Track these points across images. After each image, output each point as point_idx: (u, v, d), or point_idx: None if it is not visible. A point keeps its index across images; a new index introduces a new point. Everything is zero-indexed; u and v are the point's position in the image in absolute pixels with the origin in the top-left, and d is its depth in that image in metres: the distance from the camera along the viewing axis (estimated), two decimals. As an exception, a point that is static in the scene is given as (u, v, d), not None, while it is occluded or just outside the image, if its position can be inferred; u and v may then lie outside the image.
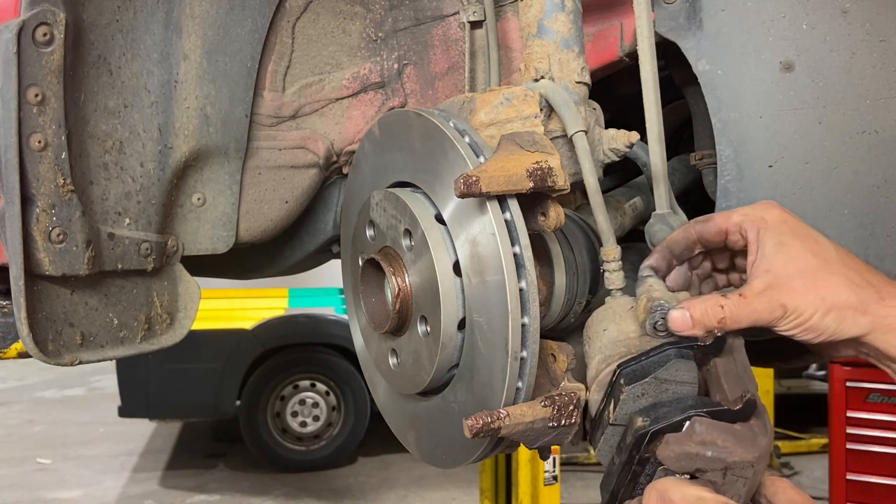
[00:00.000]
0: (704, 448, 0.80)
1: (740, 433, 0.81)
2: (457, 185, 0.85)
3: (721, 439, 0.81)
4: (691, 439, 0.81)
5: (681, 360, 0.86)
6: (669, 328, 0.87)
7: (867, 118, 1.10)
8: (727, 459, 0.80)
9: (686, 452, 0.81)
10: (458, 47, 1.43)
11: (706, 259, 1.04)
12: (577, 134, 0.99)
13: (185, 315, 1.40)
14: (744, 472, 0.81)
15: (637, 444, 0.83)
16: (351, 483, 6.45)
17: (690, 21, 1.14)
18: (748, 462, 0.80)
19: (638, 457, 0.83)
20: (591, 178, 0.99)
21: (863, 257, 1.12)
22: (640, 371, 0.86)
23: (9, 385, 9.62)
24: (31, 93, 1.10)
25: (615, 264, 0.99)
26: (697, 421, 0.81)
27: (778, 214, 0.94)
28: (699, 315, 0.86)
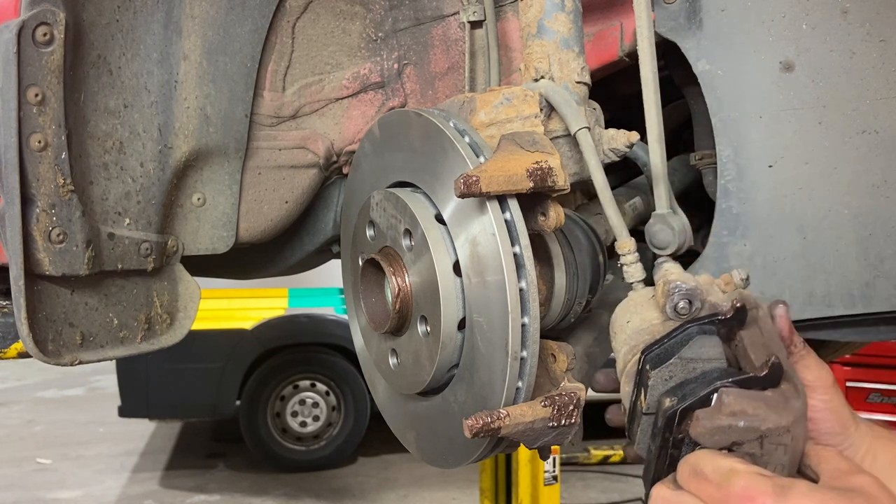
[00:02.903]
0: (736, 419, 0.78)
1: (771, 399, 0.79)
2: (457, 185, 0.85)
3: (752, 407, 0.78)
4: (721, 412, 0.79)
5: (703, 336, 0.84)
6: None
7: (867, 118, 1.10)
8: (761, 427, 0.78)
9: (718, 426, 0.79)
10: (458, 47, 1.43)
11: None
12: (581, 131, 0.99)
13: (185, 315, 1.40)
14: (781, 438, 0.78)
15: (668, 425, 0.81)
16: (351, 483, 6.45)
17: (690, 21, 1.14)
18: (783, 427, 0.78)
19: (672, 439, 0.81)
20: (599, 174, 0.98)
21: (862, 257, 1.12)
22: (664, 354, 0.84)
23: (9, 385, 9.62)
24: (31, 93, 1.10)
25: (632, 256, 0.98)
26: (725, 392, 0.79)
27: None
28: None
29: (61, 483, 6.39)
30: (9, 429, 7.95)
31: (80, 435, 7.68)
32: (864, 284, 1.12)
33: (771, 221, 1.14)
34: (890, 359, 4.96)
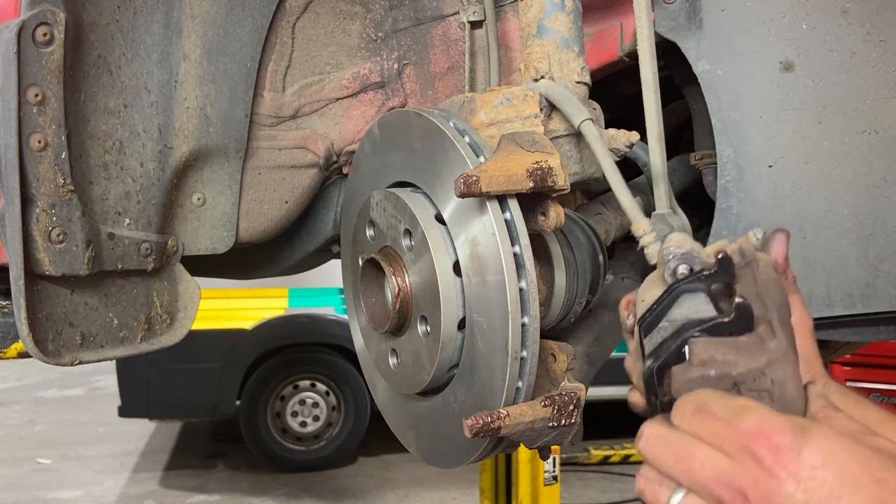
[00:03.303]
0: (706, 368, 0.73)
1: (743, 342, 0.74)
2: (457, 185, 0.85)
3: (720, 353, 0.73)
4: (692, 363, 0.74)
5: (689, 295, 0.78)
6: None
7: (867, 118, 1.10)
8: (732, 373, 0.73)
9: (691, 379, 0.74)
10: (458, 47, 1.43)
11: None
12: (585, 123, 0.98)
13: (185, 315, 1.40)
14: (759, 383, 0.73)
15: (650, 388, 0.77)
16: (351, 483, 6.45)
17: (690, 21, 1.14)
18: (757, 370, 0.72)
19: (659, 403, 0.77)
20: (607, 161, 0.96)
21: (862, 257, 1.12)
22: (654, 320, 0.80)
23: (9, 385, 9.61)
24: (31, 93, 1.10)
25: (649, 237, 0.95)
26: (693, 342, 0.74)
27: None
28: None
29: (61, 483, 6.39)
30: (9, 429, 7.95)
31: (80, 435, 7.68)
32: (864, 284, 1.12)
33: (771, 221, 1.14)
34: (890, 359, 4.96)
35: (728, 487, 0.62)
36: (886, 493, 0.58)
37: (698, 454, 0.65)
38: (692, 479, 0.65)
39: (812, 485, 0.59)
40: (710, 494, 0.63)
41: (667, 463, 0.67)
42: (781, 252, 0.81)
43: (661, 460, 0.68)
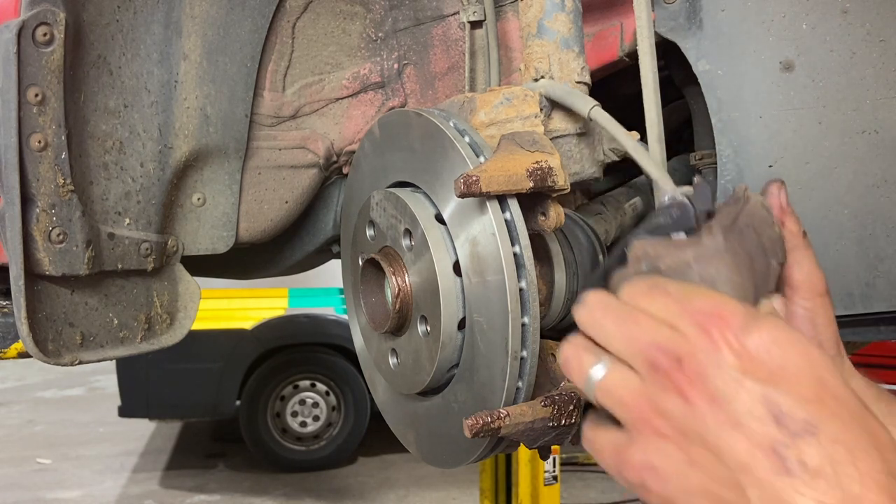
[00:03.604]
0: (639, 263, 0.71)
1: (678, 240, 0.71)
2: (457, 185, 0.85)
3: (652, 248, 0.71)
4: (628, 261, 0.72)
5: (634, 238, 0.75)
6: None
7: (867, 118, 1.10)
8: (660, 266, 0.69)
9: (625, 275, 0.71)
10: (458, 47, 1.43)
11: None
12: (594, 109, 0.98)
13: (185, 315, 1.40)
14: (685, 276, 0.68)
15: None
16: (351, 483, 6.45)
17: (690, 21, 1.14)
18: (684, 262, 0.69)
19: None
20: (626, 139, 0.94)
21: (863, 257, 1.12)
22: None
23: (9, 385, 9.61)
24: (31, 93, 1.10)
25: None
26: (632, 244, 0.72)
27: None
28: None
29: (61, 483, 6.39)
30: (9, 429, 7.95)
31: (80, 435, 7.68)
32: (864, 284, 1.12)
33: (771, 221, 1.14)
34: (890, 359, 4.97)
35: (665, 352, 0.60)
36: (826, 393, 0.57)
37: (643, 321, 0.62)
38: (630, 345, 0.62)
39: (752, 365, 0.57)
40: (644, 360, 0.61)
41: (607, 328, 0.64)
42: (776, 205, 0.78)
43: (600, 325, 0.64)
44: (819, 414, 0.56)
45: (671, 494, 0.60)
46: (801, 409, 0.56)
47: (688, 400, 0.58)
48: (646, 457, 0.61)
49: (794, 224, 0.77)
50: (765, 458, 0.55)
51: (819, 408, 0.56)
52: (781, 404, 0.56)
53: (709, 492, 0.58)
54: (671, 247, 0.70)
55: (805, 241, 0.78)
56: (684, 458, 0.59)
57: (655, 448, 0.60)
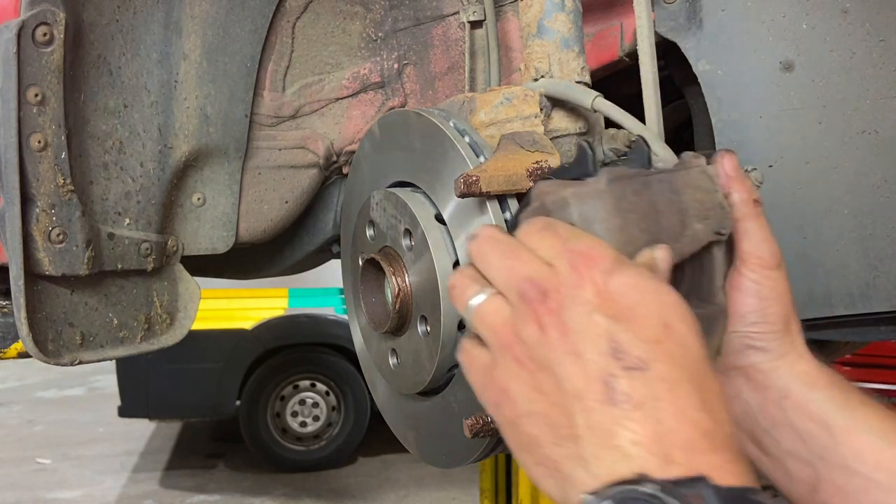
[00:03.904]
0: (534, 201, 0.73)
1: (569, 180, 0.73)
2: (457, 185, 0.85)
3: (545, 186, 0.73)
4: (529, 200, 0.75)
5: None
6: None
7: (867, 118, 1.10)
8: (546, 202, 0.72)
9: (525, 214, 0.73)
10: (458, 47, 1.43)
11: None
12: (597, 99, 0.98)
13: (185, 315, 1.40)
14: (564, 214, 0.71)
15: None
16: (351, 483, 6.45)
17: (690, 21, 1.14)
18: (562, 199, 0.71)
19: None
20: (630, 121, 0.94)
21: (862, 257, 1.12)
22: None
23: (9, 385, 9.61)
24: (31, 93, 1.10)
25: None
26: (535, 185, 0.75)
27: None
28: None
29: (61, 483, 6.40)
30: (9, 429, 7.95)
31: (80, 435, 7.68)
32: (865, 284, 1.12)
33: (771, 221, 1.14)
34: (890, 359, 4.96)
35: (535, 285, 0.63)
36: (667, 337, 0.60)
37: (524, 257, 0.66)
38: (508, 277, 0.65)
39: (606, 304, 0.61)
40: (516, 291, 0.64)
41: (490, 260, 0.68)
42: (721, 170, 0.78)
43: (487, 257, 0.68)
44: (654, 353, 0.59)
45: (516, 416, 0.64)
46: (639, 347, 0.59)
47: (543, 329, 0.62)
48: (503, 380, 0.65)
49: (742, 193, 0.78)
50: (596, 388, 0.59)
51: (655, 348, 0.59)
52: (621, 340, 0.59)
53: (546, 416, 0.61)
54: (558, 185, 0.72)
55: (755, 212, 0.78)
56: (532, 384, 0.63)
57: (511, 373, 0.64)
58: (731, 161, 0.78)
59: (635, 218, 0.71)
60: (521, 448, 0.65)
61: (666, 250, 0.70)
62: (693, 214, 0.75)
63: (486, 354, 0.68)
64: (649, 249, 0.70)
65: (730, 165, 0.78)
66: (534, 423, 0.62)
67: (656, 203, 0.74)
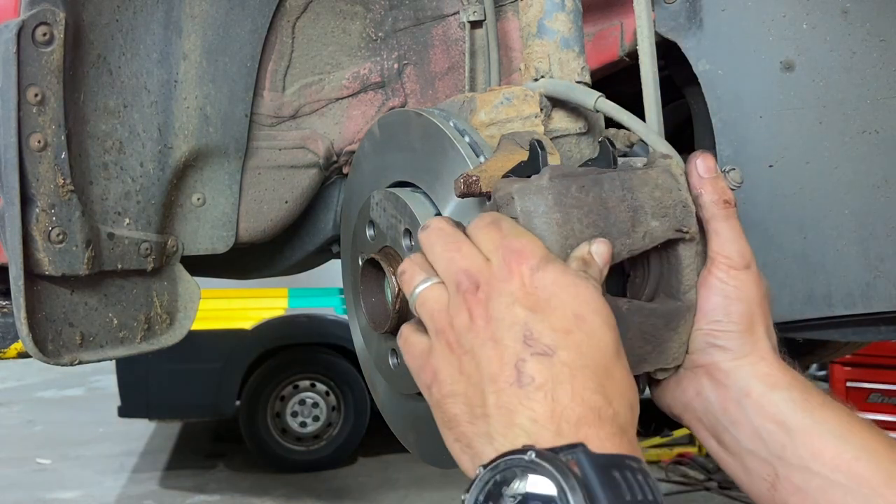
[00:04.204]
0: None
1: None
2: (457, 185, 0.85)
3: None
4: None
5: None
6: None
7: (867, 118, 1.10)
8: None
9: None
10: (458, 47, 1.43)
11: None
12: (599, 100, 0.98)
13: (184, 315, 1.40)
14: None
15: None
16: (351, 483, 6.45)
17: (691, 21, 1.14)
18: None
19: None
20: (633, 121, 0.95)
21: (862, 257, 1.12)
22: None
23: (9, 385, 9.61)
24: (30, 93, 1.10)
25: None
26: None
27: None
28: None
29: (61, 483, 6.39)
30: (9, 429, 7.95)
31: (80, 435, 7.68)
32: (865, 284, 1.12)
33: (771, 221, 1.14)
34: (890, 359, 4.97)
35: (470, 277, 0.69)
36: (577, 328, 0.66)
37: (465, 249, 0.71)
38: (448, 267, 0.71)
39: (527, 296, 0.67)
40: (453, 281, 0.70)
41: (436, 251, 0.73)
42: (691, 170, 0.81)
43: (433, 248, 0.74)
44: (561, 342, 0.65)
45: (442, 397, 0.70)
46: (549, 335, 0.65)
47: (472, 318, 0.68)
48: (435, 362, 0.71)
49: (712, 193, 0.80)
50: (508, 371, 0.65)
51: (564, 337, 0.65)
52: (534, 329, 0.65)
53: (466, 396, 0.68)
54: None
55: (725, 212, 0.80)
56: (458, 367, 0.69)
57: (443, 356, 0.70)
58: (704, 162, 0.80)
59: (579, 213, 0.75)
60: (444, 425, 0.70)
61: (604, 244, 0.73)
62: (649, 212, 0.78)
63: (424, 341, 0.74)
64: (587, 243, 0.73)
65: (703, 166, 0.80)
66: (455, 403, 0.69)
67: (606, 200, 0.76)
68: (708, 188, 0.80)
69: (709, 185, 0.80)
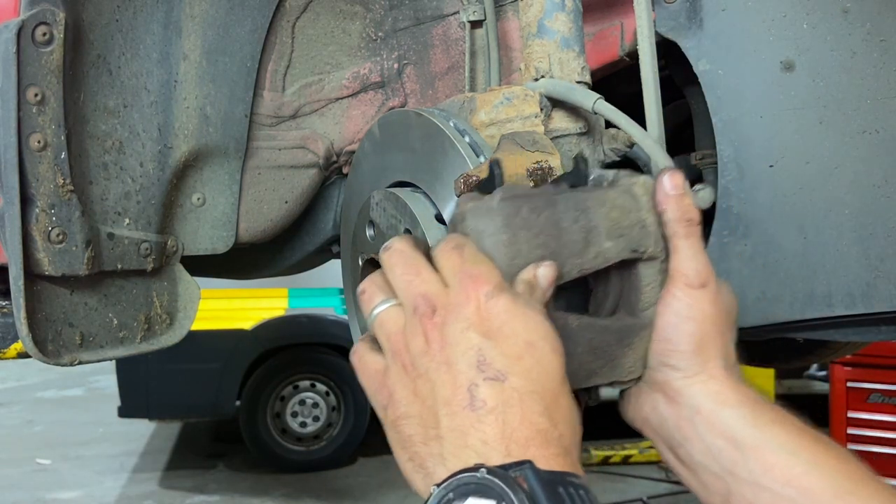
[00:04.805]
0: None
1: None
2: (457, 185, 0.85)
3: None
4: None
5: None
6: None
7: (868, 118, 1.10)
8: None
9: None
10: (458, 47, 1.43)
11: None
12: (598, 102, 0.98)
13: (184, 315, 1.40)
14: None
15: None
16: (351, 483, 6.45)
17: (691, 21, 1.14)
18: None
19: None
20: (630, 126, 0.96)
21: (863, 257, 1.12)
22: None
23: (9, 385, 9.61)
24: (30, 93, 1.10)
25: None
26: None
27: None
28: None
29: (61, 483, 6.39)
30: (9, 429, 7.95)
31: (79, 435, 7.67)
32: (865, 284, 1.12)
33: (772, 221, 1.14)
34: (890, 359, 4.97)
35: (427, 301, 0.71)
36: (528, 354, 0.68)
37: (423, 273, 0.73)
38: (406, 290, 0.73)
39: (481, 323, 0.69)
40: (410, 305, 0.72)
41: (396, 272, 0.75)
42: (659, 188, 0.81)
43: (393, 270, 0.75)
44: (512, 367, 0.67)
45: (396, 418, 0.72)
46: (501, 361, 0.68)
47: (428, 341, 0.70)
48: (391, 384, 0.73)
49: (675, 212, 0.80)
50: (461, 395, 0.67)
51: (515, 363, 0.68)
52: (487, 355, 0.68)
53: (420, 418, 0.70)
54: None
55: (686, 231, 0.81)
56: (413, 389, 0.71)
57: (398, 378, 0.72)
58: (671, 179, 0.80)
59: (527, 235, 0.76)
60: (398, 445, 0.73)
61: (549, 268, 0.75)
62: (603, 232, 0.79)
63: (379, 360, 0.75)
64: (533, 266, 0.75)
65: (669, 184, 0.80)
66: (409, 424, 0.71)
67: (559, 221, 0.77)
68: (672, 205, 0.80)
69: (673, 202, 0.80)
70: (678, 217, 0.80)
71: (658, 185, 0.81)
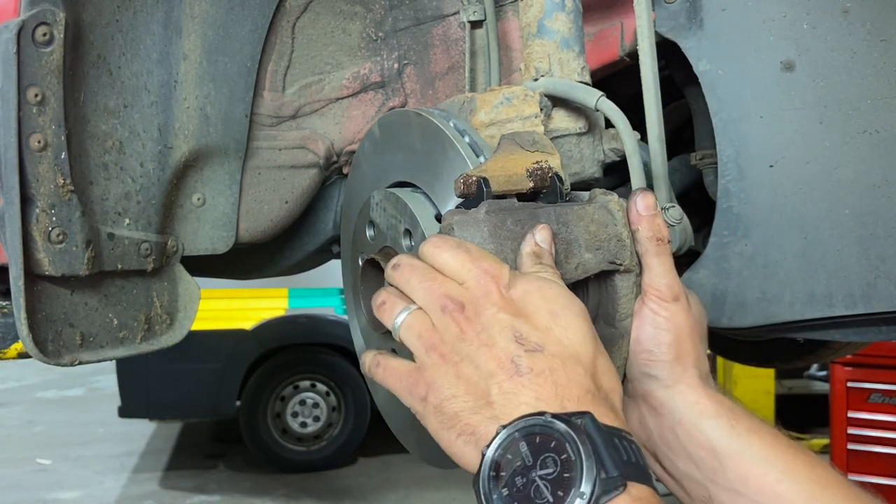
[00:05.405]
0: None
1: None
2: (457, 185, 0.85)
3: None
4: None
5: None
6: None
7: (868, 118, 1.10)
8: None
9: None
10: (459, 47, 1.43)
11: None
12: (601, 99, 0.99)
13: (185, 315, 1.40)
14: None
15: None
16: (351, 483, 6.45)
17: (691, 21, 1.14)
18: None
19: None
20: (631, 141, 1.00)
21: (863, 257, 1.12)
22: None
23: (9, 385, 9.61)
24: (30, 93, 1.10)
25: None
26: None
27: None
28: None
29: (61, 483, 6.39)
30: (9, 429, 7.95)
31: (80, 435, 7.68)
32: (865, 284, 1.12)
33: (772, 221, 1.14)
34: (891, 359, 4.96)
35: (453, 300, 0.77)
36: (554, 324, 0.75)
37: (439, 278, 0.79)
38: (429, 295, 0.79)
39: (507, 306, 0.76)
40: (437, 306, 0.78)
41: (412, 281, 0.80)
42: (632, 208, 0.87)
43: (409, 281, 0.81)
44: (546, 338, 0.74)
45: (440, 402, 0.76)
46: (535, 334, 0.74)
47: (463, 331, 0.76)
48: (430, 375, 0.77)
49: (647, 231, 0.87)
50: (507, 366, 0.73)
51: (546, 334, 0.75)
52: (522, 331, 0.75)
53: (468, 394, 0.74)
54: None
55: (657, 249, 0.87)
56: (455, 374, 0.76)
57: (437, 368, 0.77)
58: (643, 201, 0.87)
59: (513, 245, 0.82)
60: (444, 427, 0.76)
61: (545, 230, 0.82)
62: (583, 245, 0.85)
63: (405, 363, 0.81)
64: (531, 235, 0.82)
65: (641, 205, 0.87)
66: (456, 402, 0.75)
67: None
68: (644, 225, 0.87)
69: (645, 222, 0.87)
70: (650, 236, 0.87)
71: (630, 205, 0.87)
